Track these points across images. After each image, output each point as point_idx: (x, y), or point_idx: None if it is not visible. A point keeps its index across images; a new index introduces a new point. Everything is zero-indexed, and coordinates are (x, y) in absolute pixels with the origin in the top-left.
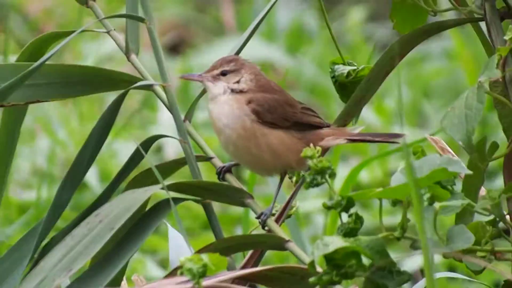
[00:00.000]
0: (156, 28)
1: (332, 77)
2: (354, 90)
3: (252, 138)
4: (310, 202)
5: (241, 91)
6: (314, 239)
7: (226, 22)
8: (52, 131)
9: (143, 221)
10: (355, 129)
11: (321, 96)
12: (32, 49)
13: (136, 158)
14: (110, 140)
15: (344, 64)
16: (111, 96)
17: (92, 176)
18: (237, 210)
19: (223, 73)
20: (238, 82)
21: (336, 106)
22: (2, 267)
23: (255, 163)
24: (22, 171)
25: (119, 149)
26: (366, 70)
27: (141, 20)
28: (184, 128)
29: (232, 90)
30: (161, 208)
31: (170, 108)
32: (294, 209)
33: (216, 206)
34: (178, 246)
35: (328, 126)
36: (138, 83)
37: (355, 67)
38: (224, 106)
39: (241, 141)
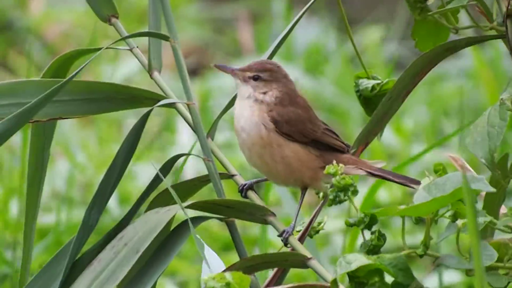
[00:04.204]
0: (180, 47)
1: (357, 91)
2: (379, 104)
3: (268, 147)
4: (329, 222)
5: (262, 102)
6: (333, 260)
7: (244, 43)
8: (71, 154)
9: (167, 242)
10: (376, 163)
11: (339, 116)
12: (55, 68)
13: (157, 180)
14: (130, 163)
15: (368, 78)
16: (129, 119)
17: (111, 199)
18: (256, 231)
19: (255, 78)
20: (264, 93)
21: (354, 126)
22: (35, 287)
23: (268, 172)
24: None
25: (138, 171)
26: (390, 84)
27: (166, 38)
28: (208, 146)
29: (256, 99)
30: (184, 228)
31: (194, 126)
32: (322, 224)
33: None
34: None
35: (348, 147)
36: (163, 101)
37: (379, 81)
38: (246, 108)
39: (256, 148)
